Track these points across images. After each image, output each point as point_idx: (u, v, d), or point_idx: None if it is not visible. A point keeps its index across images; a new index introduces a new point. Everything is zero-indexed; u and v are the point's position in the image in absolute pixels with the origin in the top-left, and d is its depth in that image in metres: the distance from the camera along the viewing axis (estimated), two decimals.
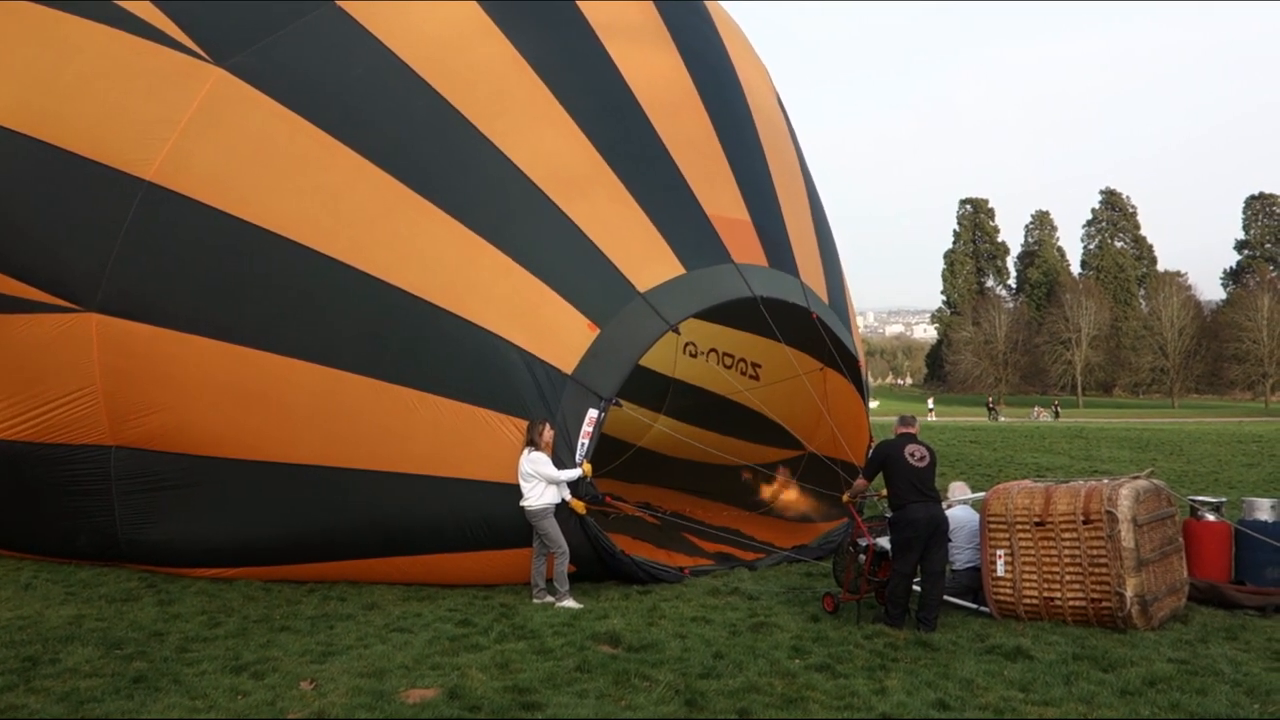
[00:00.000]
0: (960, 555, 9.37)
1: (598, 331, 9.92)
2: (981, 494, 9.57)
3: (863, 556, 9.03)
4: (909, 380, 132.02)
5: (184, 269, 10.19)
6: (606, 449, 12.16)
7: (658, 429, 15.89)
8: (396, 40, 10.67)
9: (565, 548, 9.53)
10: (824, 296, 12.24)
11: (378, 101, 10.49)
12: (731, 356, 15.07)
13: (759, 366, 14.67)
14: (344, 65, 10.61)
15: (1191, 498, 10.10)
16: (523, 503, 9.43)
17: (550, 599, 9.46)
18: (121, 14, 10.82)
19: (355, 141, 10.15)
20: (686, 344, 15.22)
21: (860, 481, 9.35)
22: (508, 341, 9.68)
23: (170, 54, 10.56)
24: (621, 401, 10.22)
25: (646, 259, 10.49)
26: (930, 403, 71.83)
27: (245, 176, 10.17)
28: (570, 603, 9.36)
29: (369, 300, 9.80)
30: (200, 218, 10.10)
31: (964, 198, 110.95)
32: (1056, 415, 62.68)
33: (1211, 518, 9.74)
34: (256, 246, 9.97)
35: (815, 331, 11.85)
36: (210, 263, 10.15)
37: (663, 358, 15.38)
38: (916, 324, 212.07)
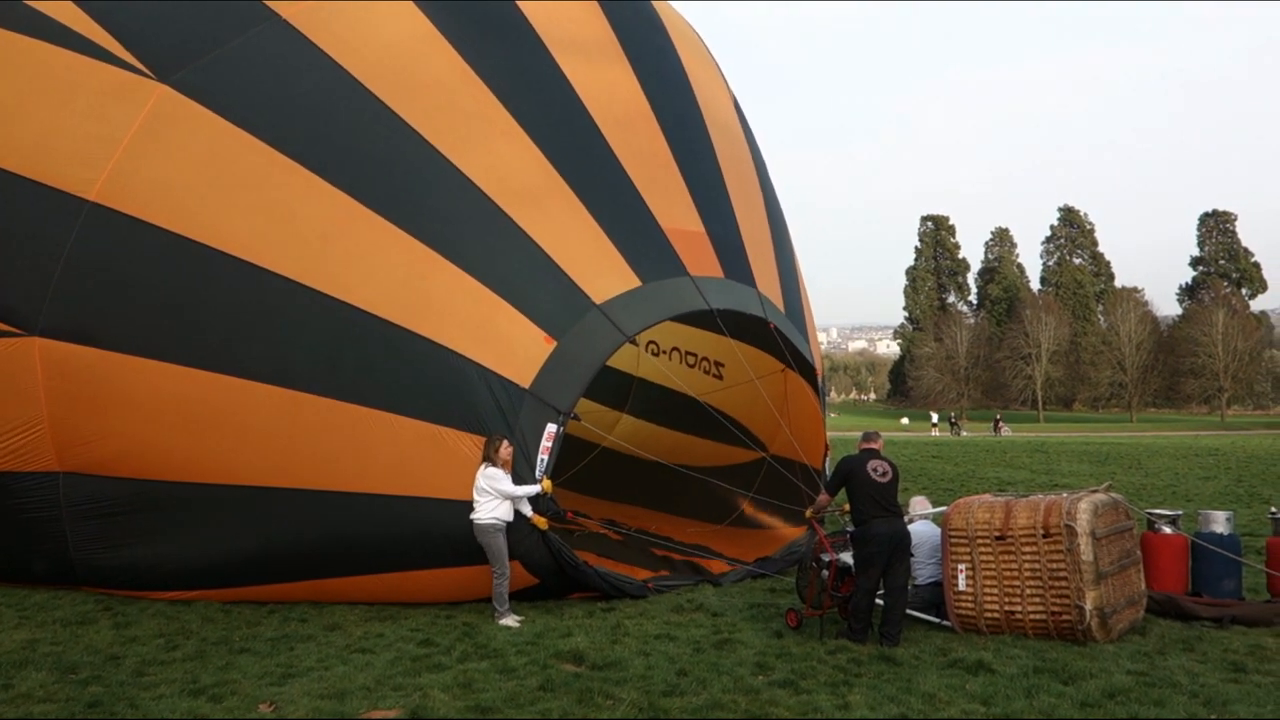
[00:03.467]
0: (922, 570, 9.42)
1: (554, 344, 9.88)
2: (943, 509, 9.63)
3: (826, 572, 9.06)
4: (872, 396, 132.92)
5: (131, 290, 10.02)
6: (569, 451, 12.09)
7: (622, 426, 15.87)
8: (345, 55, 10.57)
9: (507, 570, 9.47)
10: (780, 305, 12.29)
11: (327, 117, 10.37)
12: (695, 355, 15.06)
13: (722, 365, 14.67)
14: (291, 80, 10.48)
15: (1149, 511, 10.20)
16: (471, 516, 9.38)
17: (516, 618, 9.40)
18: (61, 30, 10.63)
19: (305, 158, 10.03)
20: (649, 343, 15.23)
21: (823, 497, 9.38)
22: (464, 357, 9.61)
23: (112, 70, 10.39)
24: (580, 415, 10.18)
25: (602, 271, 10.47)
26: (934, 417, 72.17)
27: (192, 195, 10.02)
28: (509, 620, 9.32)
29: (323, 319, 9.70)
30: (146, 237, 9.92)
31: (925, 215, 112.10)
32: (996, 428, 63.02)
33: (1168, 530, 9.84)
34: (206, 266, 9.82)
35: (774, 338, 11.91)
36: (158, 284, 9.99)
37: (625, 357, 15.36)
38: (879, 340, 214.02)
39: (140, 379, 9.91)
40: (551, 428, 9.74)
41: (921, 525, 9.72)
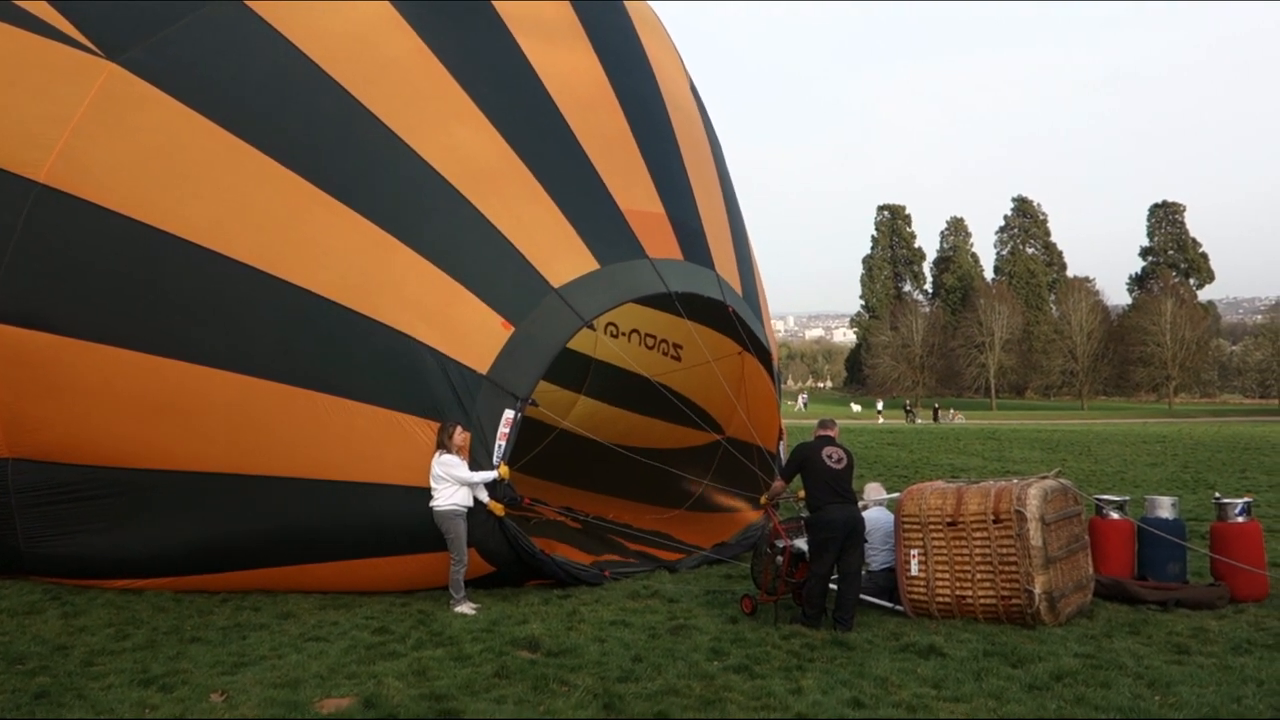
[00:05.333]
0: (876, 556, 9.51)
1: (512, 330, 9.81)
2: (896, 495, 9.72)
3: (780, 558, 9.12)
4: (829, 383, 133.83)
5: (82, 275, 9.82)
6: (527, 434, 12.01)
7: (580, 407, 15.81)
8: (300, 35, 10.37)
9: (465, 558, 9.45)
10: (738, 288, 12.30)
11: (282, 98, 10.19)
12: (654, 338, 15.02)
13: (680, 347, 14.67)
14: (245, 61, 10.28)
15: (1097, 496, 10.37)
16: (431, 504, 9.34)
17: (471, 605, 9.39)
18: (7, 6, 10.37)
19: (259, 140, 9.87)
20: (608, 324, 15.19)
21: (778, 483, 9.44)
22: (420, 343, 9.54)
23: (59, 48, 10.14)
24: (537, 401, 10.15)
25: (560, 254, 10.41)
26: (880, 404, 72.40)
27: (143, 177, 9.83)
28: (465, 608, 9.31)
29: (277, 304, 9.58)
30: (97, 221, 9.73)
31: (882, 204, 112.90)
32: (935, 418, 63.76)
33: (1116, 516, 10.01)
34: (158, 251, 9.65)
35: (732, 320, 11.96)
36: (110, 268, 9.79)
37: (584, 338, 15.34)
38: (836, 328, 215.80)
39: (92, 364, 9.75)
40: (509, 414, 9.70)
41: (876, 511, 9.81)
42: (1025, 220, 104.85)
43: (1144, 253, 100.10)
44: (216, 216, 9.73)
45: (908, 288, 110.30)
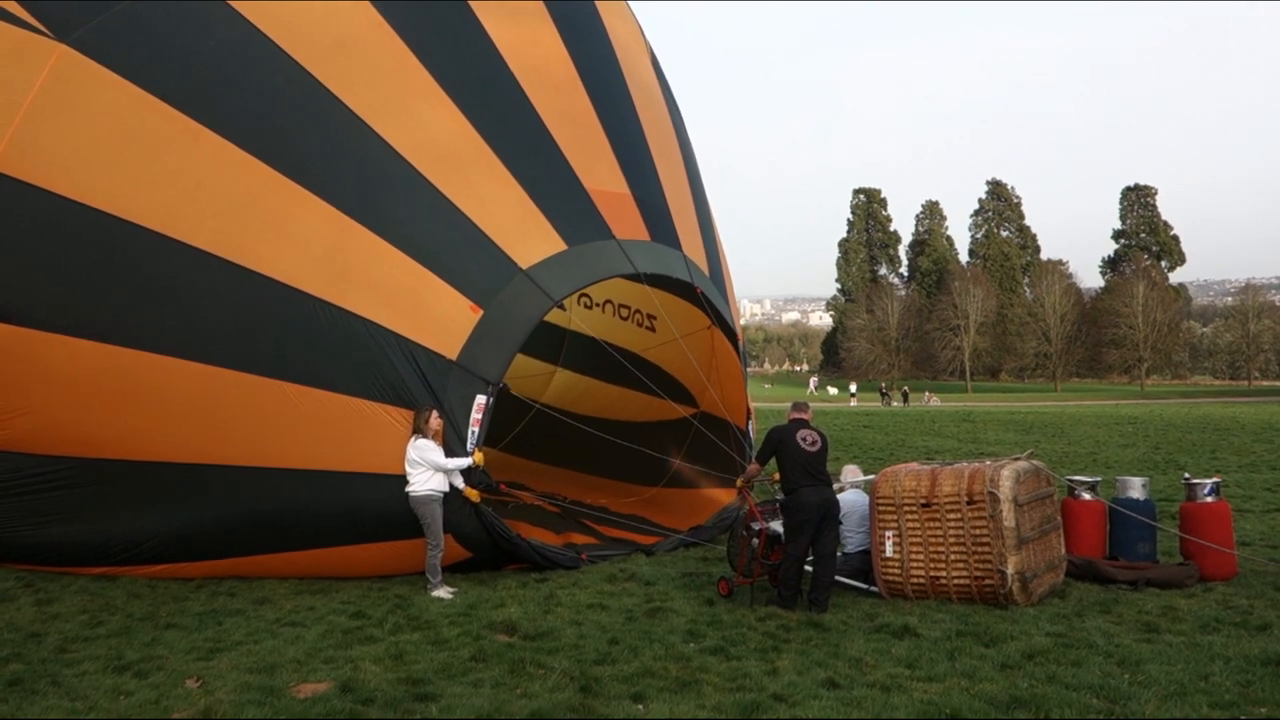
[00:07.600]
0: (852, 538, 9.57)
1: (481, 313, 9.73)
2: (872, 477, 9.77)
3: (756, 540, 9.16)
4: (805, 366, 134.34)
5: (38, 264, 9.60)
6: (508, 411, 11.90)
7: (558, 379, 15.74)
8: (255, 11, 10.12)
9: (442, 543, 9.45)
10: (704, 268, 12.28)
11: (238, 78, 9.95)
12: (628, 309, 14.92)
13: (654, 319, 14.62)
14: (199, 39, 10.01)
15: (1069, 477, 10.47)
16: (407, 489, 9.32)
17: (448, 590, 9.39)
18: None
19: (215, 122, 9.65)
20: (581, 296, 15.14)
21: (753, 466, 9.47)
22: (387, 330, 9.43)
23: (8, 30, 9.86)
24: (509, 385, 10.09)
25: (527, 236, 10.31)
26: (853, 388, 72.38)
27: (97, 163, 9.59)
28: (442, 592, 9.32)
29: (239, 292, 9.41)
30: (52, 208, 9.49)
31: (857, 188, 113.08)
32: (905, 399, 64.46)
33: (1087, 496, 10.11)
34: (114, 238, 9.42)
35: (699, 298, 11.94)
36: (66, 257, 9.57)
37: (559, 311, 15.29)
38: (812, 311, 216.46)
39: (51, 355, 9.57)
40: (480, 399, 9.63)
41: (852, 494, 9.86)
42: (999, 204, 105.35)
43: (1116, 235, 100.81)
44: (172, 201, 9.51)
45: (883, 271, 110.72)
